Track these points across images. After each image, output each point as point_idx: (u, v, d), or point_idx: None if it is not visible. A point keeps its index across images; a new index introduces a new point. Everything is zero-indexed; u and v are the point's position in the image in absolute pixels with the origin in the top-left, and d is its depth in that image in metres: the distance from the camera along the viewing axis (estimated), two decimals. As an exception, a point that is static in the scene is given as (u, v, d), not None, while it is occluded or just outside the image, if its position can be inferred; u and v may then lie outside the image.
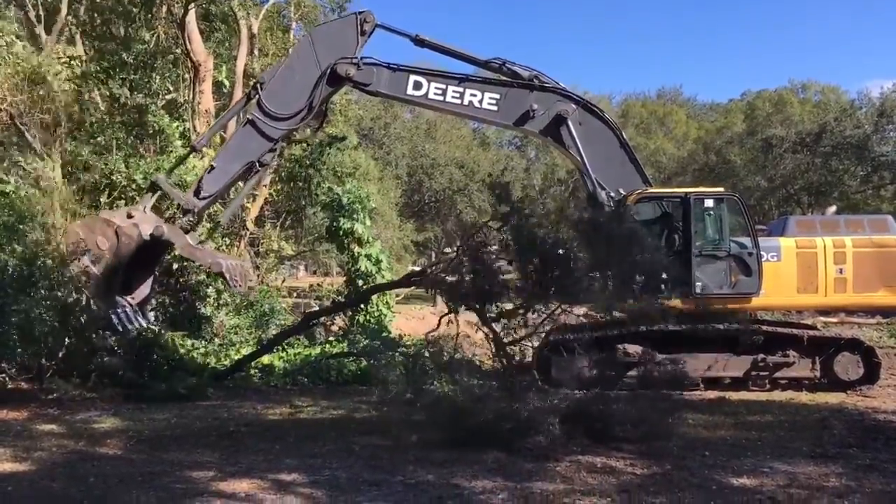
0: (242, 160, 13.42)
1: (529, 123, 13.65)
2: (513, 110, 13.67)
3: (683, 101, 68.50)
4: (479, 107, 13.67)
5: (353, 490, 7.35)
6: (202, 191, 13.43)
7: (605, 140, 13.75)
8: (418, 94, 13.64)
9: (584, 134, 13.56)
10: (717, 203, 13.37)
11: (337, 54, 13.35)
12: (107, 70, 20.60)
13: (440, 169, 46.59)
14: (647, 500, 6.90)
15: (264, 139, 13.38)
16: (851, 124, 45.99)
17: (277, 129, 13.44)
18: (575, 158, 13.64)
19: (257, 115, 13.27)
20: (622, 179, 13.59)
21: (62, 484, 7.66)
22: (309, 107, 13.37)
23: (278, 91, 13.35)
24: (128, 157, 18.92)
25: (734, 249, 13.08)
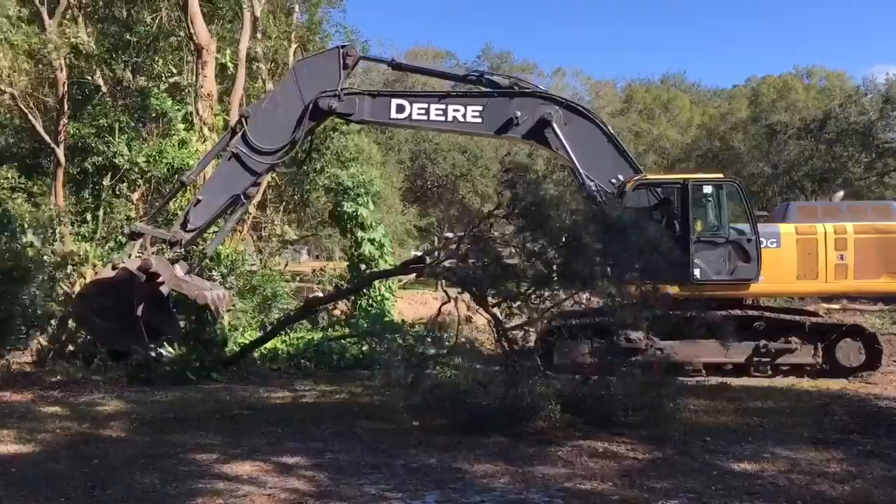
0: (227, 193, 13.34)
1: (513, 130, 13.64)
2: (496, 120, 13.66)
3: (687, 87, 68.22)
4: (463, 121, 13.69)
5: (355, 473, 7.38)
6: (189, 223, 13.32)
7: (592, 137, 13.74)
8: (402, 117, 13.67)
9: (570, 133, 13.54)
10: (716, 189, 13.35)
11: (320, 88, 13.32)
12: (109, 52, 20.55)
13: (443, 154, 46.47)
14: (648, 484, 6.92)
15: (248, 173, 13.37)
16: (856, 111, 45.77)
17: (262, 164, 13.44)
18: (564, 158, 13.63)
19: (242, 149, 13.21)
20: (609, 171, 13.59)
21: (66, 465, 7.70)
22: (292, 142, 13.39)
23: (263, 125, 13.36)
24: (130, 140, 18.90)
25: (733, 236, 13.05)
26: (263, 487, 6.88)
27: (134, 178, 18.91)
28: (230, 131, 13.69)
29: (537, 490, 6.78)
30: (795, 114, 47.82)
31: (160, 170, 18.18)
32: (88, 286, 13.91)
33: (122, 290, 12.60)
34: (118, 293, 12.62)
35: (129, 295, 12.67)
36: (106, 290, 12.80)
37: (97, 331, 13.39)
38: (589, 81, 60.92)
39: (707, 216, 13.33)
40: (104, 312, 12.81)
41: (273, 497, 6.58)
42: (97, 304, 12.91)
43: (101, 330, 13.17)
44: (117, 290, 12.62)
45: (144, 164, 18.23)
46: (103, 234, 17.93)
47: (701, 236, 13.00)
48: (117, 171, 18.67)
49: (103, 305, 12.77)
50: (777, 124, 47.40)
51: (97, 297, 12.95)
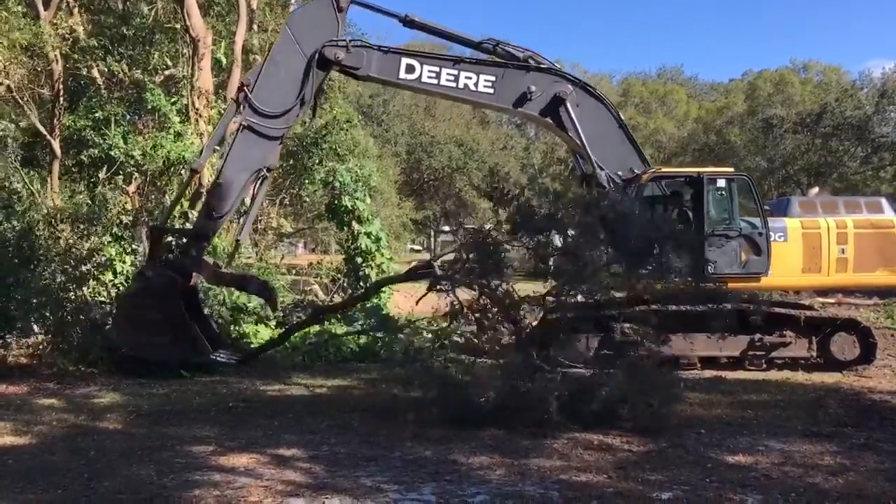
0: (248, 169, 12.57)
1: (527, 105, 13.31)
2: (509, 92, 13.32)
3: (684, 81, 68.30)
4: (474, 90, 13.27)
5: (351, 465, 7.41)
6: (214, 211, 12.52)
7: (602, 121, 13.59)
8: (411, 78, 13.10)
9: (581, 115, 13.34)
10: (728, 183, 13.39)
11: (319, 38, 12.67)
12: (104, 46, 20.49)
13: (439, 147, 46.50)
14: (643, 476, 6.96)
15: (266, 141, 12.62)
16: (852, 105, 45.89)
17: (277, 129, 12.68)
18: (573, 140, 13.51)
19: (252, 118, 12.48)
20: (621, 160, 13.52)
21: (63, 457, 7.72)
22: (302, 99, 12.69)
23: (267, 89, 12.61)
24: (126, 133, 18.87)
25: (745, 229, 13.12)
26: (260, 479, 6.91)
27: (130, 171, 18.87)
28: (232, 106, 13.03)
29: (533, 482, 6.82)
30: (791, 108, 47.97)
31: (156, 163, 18.15)
32: (124, 303, 13.01)
33: (165, 297, 11.98)
34: (160, 302, 11.99)
35: (175, 301, 12.05)
36: (146, 301, 12.11)
37: (147, 350, 12.34)
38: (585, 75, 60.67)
39: (720, 210, 13.36)
40: (150, 327, 12.06)
41: (270, 489, 6.60)
42: (139, 319, 12.11)
43: (152, 347, 12.26)
44: (159, 298, 12.00)
45: (140, 157, 18.19)
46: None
47: (714, 230, 13.04)
48: (113, 163, 18.63)
49: (147, 319, 12.02)
50: (773, 118, 47.51)
51: (139, 312, 12.19)
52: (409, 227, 44.64)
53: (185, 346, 12.21)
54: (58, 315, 13.34)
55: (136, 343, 12.37)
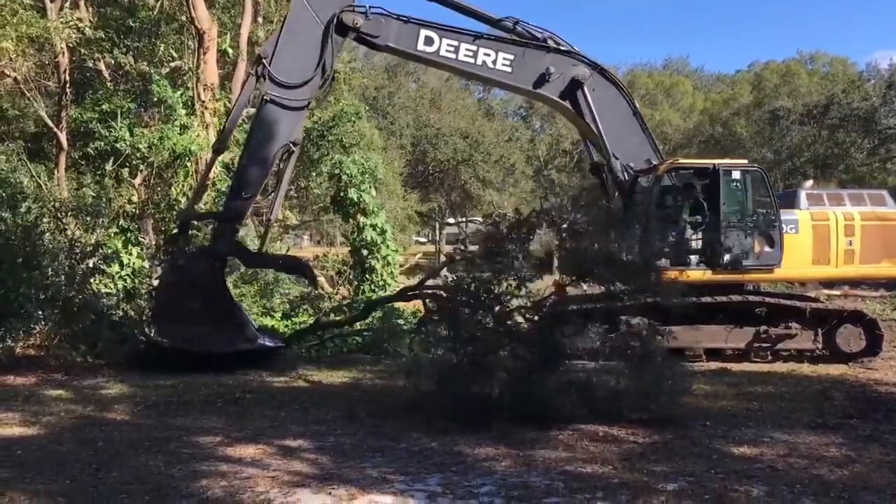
0: (275, 144, 12.17)
1: (545, 87, 13.12)
2: (528, 72, 13.11)
3: (690, 72, 68.13)
4: (492, 67, 13.01)
5: (357, 456, 7.44)
6: (244, 190, 12.15)
7: (618, 108, 13.48)
8: (430, 51, 12.80)
9: (598, 101, 13.21)
10: (742, 175, 13.38)
11: (333, 5, 12.33)
12: (111, 38, 20.50)
13: (444, 139, 46.40)
14: (648, 468, 6.97)
15: (291, 113, 12.23)
16: (859, 96, 45.71)
17: (300, 100, 12.25)
18: (588, 126, 13.37)
19: (273, 92, 12.07)
20: (634, 149, 13.44)
21: (71, 448, 7.77)
22: (323, 67, 12.30)
23: (286, 60, 12.19)
24: (132, 126, 18.90)
25: (759, 221, 13.12)
26: (267, 470, 6.94)
27: (136, 164, 18.91)
28: (248, 81, 12.64)
29: (538, 473, 6.84)
30: (798, 99, 47.78)
31: (162, 155, 18.19)
32: (161, 296, 12.45)
33: (206, 284, 11.71)
34: (201, 290, 11.70)
35: (217, 288, 11.80)
36: (186, 291, 11.77)
37: (194, 341, 11.88)
38: (591, 67, 60.65)
39: (735, 202, 13.34)
40: (193, 317, 11.67)
41: (276, 479, 6.64)
42: (181, 310, 11.69)
43: (198, 338, 11.81)
44: (200, 286, 11.72)
45: (146, 150, 18.23)
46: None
47: (730, 222, 13.02)
48: (119, 156, 18.67)
49: (189, 309, 11.65)
50: (780, 110, 47.34)
51: (179, 303, 11.79)
52: (415, 220, 44.68)
53: (233, 333, 11.95)
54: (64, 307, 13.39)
55: (181, 336, 11.88)
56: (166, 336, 12.21)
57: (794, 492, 6.29)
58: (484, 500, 6.10)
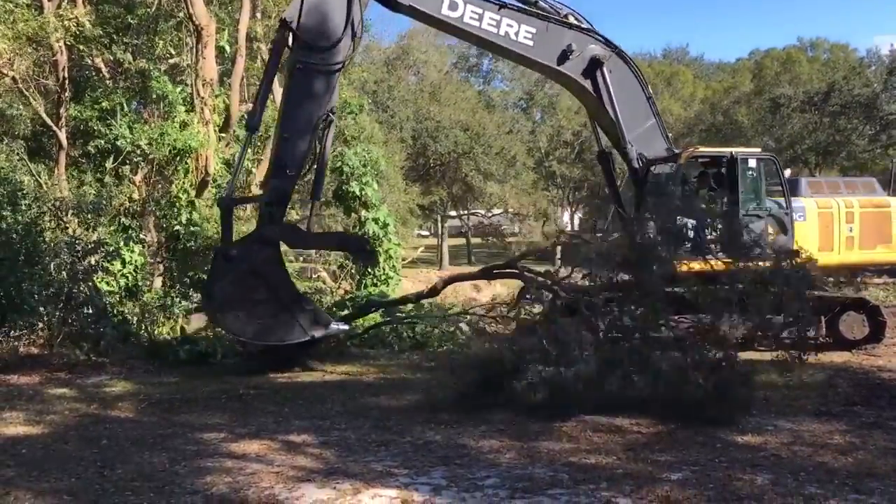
0: (314, 114, 11.39)
1: (566, 65, 12.84)
2: (549, 48, 12.79)
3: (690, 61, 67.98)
4: (514, 39, 12.62)
5: (362, 450, 7.45)
6: (287, 167, 11.34)
7: (634, 92, 13.32)
8: (453, 16, 12.31)
9: (615, 83, 13.04)
10: (757, 163, 13.39)
11: None
12: (110, 35, 20.46)
13: (445, 132, 46.33)
14: (652, 458, 6.98)
15: (325, 79, 11.46)
16: (860, 83, 45.60)
17: (334, 64, 11.49)
18: (603, 110, 13.18)
19: (305, 58, 11.31)
20: (646, 136, 13.33)
21: (75, 446, 7.78)
22: (352, 26, 11.57)
23: (313, 23, 11.37)
24: (132, 123, 18.87)
25: (773, 209, 13.15)
26: (271, 465, 6.95)
27: (136, 161, 18.89)
28: (275, 49, 11.82)
29: (542, 465, 6.85)
30: (799, 87, 47.63)
31: (162, 152, 18.17)
32: (220, 291, 11.26)
33: (269, 273, 11.02)
34: (264, 279, 11.01)
35: (282, 275, 11.21)
36: (248, 282, 11.00)
37: (269, 333, 11.29)
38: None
39: (752, 189, 13.35)
40: (262, 309, 11.00)
41: (281, 475, 6.65)
42: (246, 303, 10.93)
43: (272, 330, 11.21)
44: (263, 276, 11.02)
45: (147, 147, 18.19)
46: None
47: (747, 209, 13.02)
48: (119, 153, 18.66)
49: (256, 301, 10.94)
50: (781, 98, 47.22)
51: (243, 296, 10.98)
52: (416, 213, 44.63)
53: (307, 320, 11.26)
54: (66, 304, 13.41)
55: (253, 330, 11.21)
56: (242, 333, 11.41)
57: (799, 479, 6.29)
58: (488, 492, 6.11)
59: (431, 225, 61.95)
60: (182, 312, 15.93)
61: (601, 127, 14.32)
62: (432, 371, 12.00)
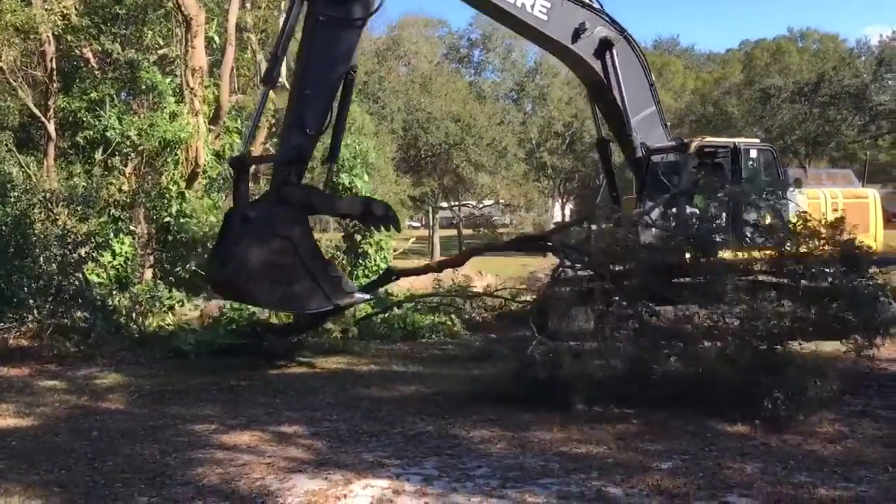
0: (338, 68, 10.70)
1: (580, 44, 12.72)
2: (563, 23, 12.64)
3: (681, 52, 67.90)
4: (529, 11, 12.39)
5: (353, 441, 7.46)
6: (308, 126, 10.42)
7: (637, 78, 13.30)
8: None
9: (622, 67, 13.00)
10: (758, 154, 13.51)
11: None
12: (98, 25, 20.32)
13: (436, 123, 46.20)
14: (642, 447, 7.01)
15: (349, 32, 10.76)
16: (850, 73, 45.70)
17: (359, 17, 10.79)
18: (609, 94, 13.11)
19: (327, 10, 10.52)
20: (646, 122, 13.28)
21: (66, 438, 7.77)
22: None
23: None
24: (121, 114, 18.77)
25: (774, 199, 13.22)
26: (262, 456, 6.96)
27: (126, 152, 18.80)
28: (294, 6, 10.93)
29: (533, 455, 6.87)
30: (789, 77, 47.70)
31: (152, 143, 18.08)
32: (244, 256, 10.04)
33: (296, 236, 10.12)
34: (291, 243, 10.06)
35: (308, 238, 10.34)
36: (273, 246, 10.03)
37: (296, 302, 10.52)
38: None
39: (753, 179, 13.41)
40: (288, 275, 10.04)
41: (272, 465, 6.65)
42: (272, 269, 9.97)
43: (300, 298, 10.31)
44: (289, 239, 10.08)
45: (136, 138, 18.11)
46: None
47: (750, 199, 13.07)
48: (109, 144, 18.56)
49: (281, 266, 9.98)
50: (771, 88, 47.28)
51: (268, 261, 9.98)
52: (407, 204, 44.53)
53: (331, 288, 10.41)
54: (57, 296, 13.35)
55: (276, 297, 10.40)
56: (264, 301, 10.67)
57: (788, 468, 6.34)
58: (480, 482, 6.13)
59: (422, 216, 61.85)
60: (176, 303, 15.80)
61: (603, 113, 14.21)
62: (424, 363, 12.03)
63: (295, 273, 10.09)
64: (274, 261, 9.98)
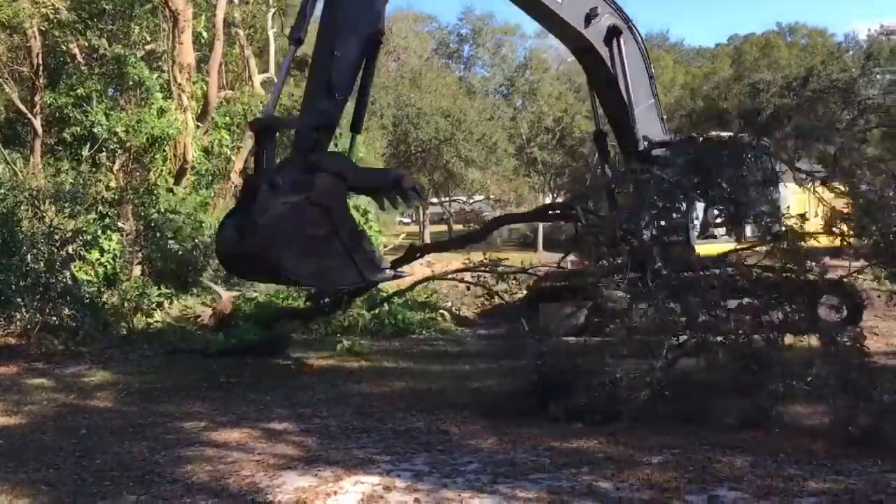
0: (364, 29, 9.95)
1: (591, 30, 12.63)
2: (577, 9, 12.54)
3: (670, 47, 67.91)
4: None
5: (343, 437, 7.43)
6: (336, 90, 9.71)
7: (640, 70, 13.24)
8: None
9: (627, 58, 12.96)
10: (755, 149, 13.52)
11: None
12: (85, 20, 20.18)
13: (426, 118, 46.14)
14: (632, 442, 7.01)
15: None
16: (838, 67, 45.82)
17: None
18: (613, 83, 13.01)
19: None
20: (644, 115, 13.24)
21: (54, 436, 7.71)
22: None
23: None
24: (108, 110, 18.65)
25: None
26: (252, 453, 6.92)
27: (113, 148, 18.70)
28: None
29: (524, 450, 6.86)
30: (778, 72, 47.82)
31: (139, 139, 17.99)
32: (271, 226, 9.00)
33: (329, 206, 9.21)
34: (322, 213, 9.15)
35: (342, 209, 9.51)
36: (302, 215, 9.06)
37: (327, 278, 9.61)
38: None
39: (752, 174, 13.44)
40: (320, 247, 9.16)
41: (262, 462, 6.62)
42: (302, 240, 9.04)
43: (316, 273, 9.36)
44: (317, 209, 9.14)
45: (123, 134, 18.01)
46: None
47: None
48: (96, 140, 18.45)
49: (313, 238, 9.08)
50: (760, 83, 47.38)
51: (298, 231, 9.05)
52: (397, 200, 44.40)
53: (364, 263, 9.51)
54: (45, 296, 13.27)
55: (309, 271, 9.34)
56: (297, 275, 9.42)
57: (778, 461, 6.34)
58: (470, 477, 6.11)
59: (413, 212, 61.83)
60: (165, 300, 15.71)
61: (603, 104, 14.14)
62: (415, 358, 12.02)
63: (328, 245, 9.22)
64: (307, 231, 9.09)
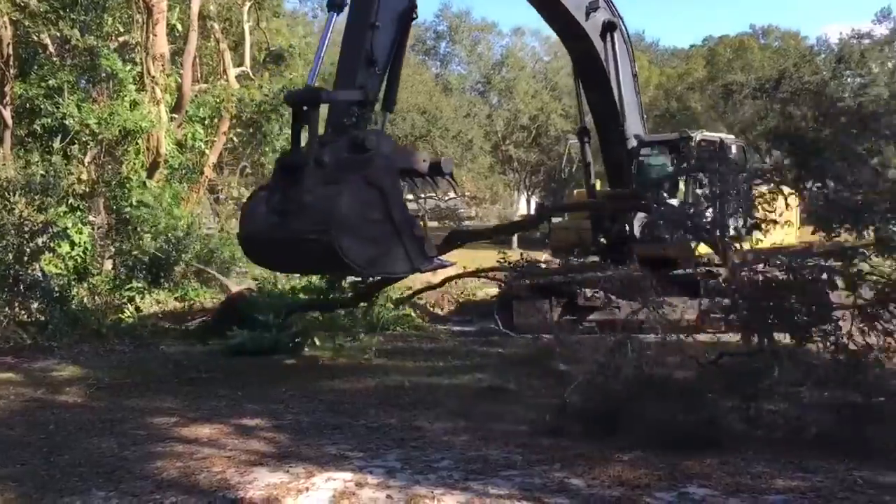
0: (399, 6, 9.28)
1: (589, 22, 12.49)
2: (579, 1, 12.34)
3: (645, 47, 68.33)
4: None
5: (315, 433, 7.41)
6: (376, 62, 9.02)
7: (625, 66, 13.24)
8: None
9: (619, 53, 12.96)
10: (736, 150, 13.88)
11: None
12: (57, 10, 19.91)
13: (402, 115, 46.12)
14: (607, 438, 7.03)
15: None
16: (810, 70, 46.48)
17: None
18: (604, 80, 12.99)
19: None
20: (635, 116, 13.41)
21: (21, 431, 7.61)
22: None
23: None
24: (80, 102, 18.42)
25: None
26: (223, 449, 6.87)
27: (85, 141, 18.46)
28: None
29: (496, 447, 6.87)
30: (751, 74, 48.37)
31: (112, 132, 17.77)
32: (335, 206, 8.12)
33: (386, 187, 8.50)
34: (373, 196, 8.34)
35: (397, 191, 8.77)
36: (361, 196, 8.28)
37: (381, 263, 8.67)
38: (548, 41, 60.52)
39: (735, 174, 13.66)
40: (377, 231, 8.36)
41: (233, 459, 6.58)
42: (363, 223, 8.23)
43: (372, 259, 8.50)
44: (372, 190, 8.35)
45: (95, 126, 17.79)
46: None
47: None
48: (67, 132, 18.21)
49: (371, 221, 8.27)
50: (733, 84, 47.93)
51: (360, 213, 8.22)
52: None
53: (415, 250, 8.74)
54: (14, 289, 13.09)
55: (367, 257, 8.44)
56: (358, 261, 8.35)
57: (746, 459, 6.41)
58: (443, 474, 6.12)
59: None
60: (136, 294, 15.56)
61: (591, 100, 14.14)
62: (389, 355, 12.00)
63: (381, 230, 8.46)
64: (363, 214, 8.30)
